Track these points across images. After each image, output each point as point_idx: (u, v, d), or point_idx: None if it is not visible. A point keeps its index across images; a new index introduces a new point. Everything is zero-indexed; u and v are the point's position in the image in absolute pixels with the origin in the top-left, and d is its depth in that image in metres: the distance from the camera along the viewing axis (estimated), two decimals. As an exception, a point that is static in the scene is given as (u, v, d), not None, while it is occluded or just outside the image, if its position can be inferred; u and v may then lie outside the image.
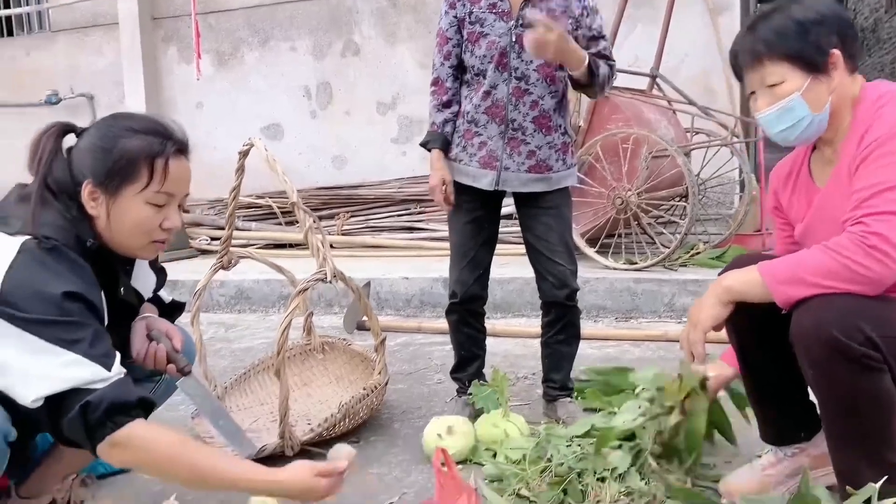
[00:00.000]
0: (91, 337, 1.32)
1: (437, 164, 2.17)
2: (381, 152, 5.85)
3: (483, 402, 2.11)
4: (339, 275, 2.11)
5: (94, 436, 1.29)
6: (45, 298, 1.29)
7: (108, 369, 1.31)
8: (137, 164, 1.43)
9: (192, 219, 5.81)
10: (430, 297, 4.10)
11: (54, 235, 1.37)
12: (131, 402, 1.32)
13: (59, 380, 1.27)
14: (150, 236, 1.48)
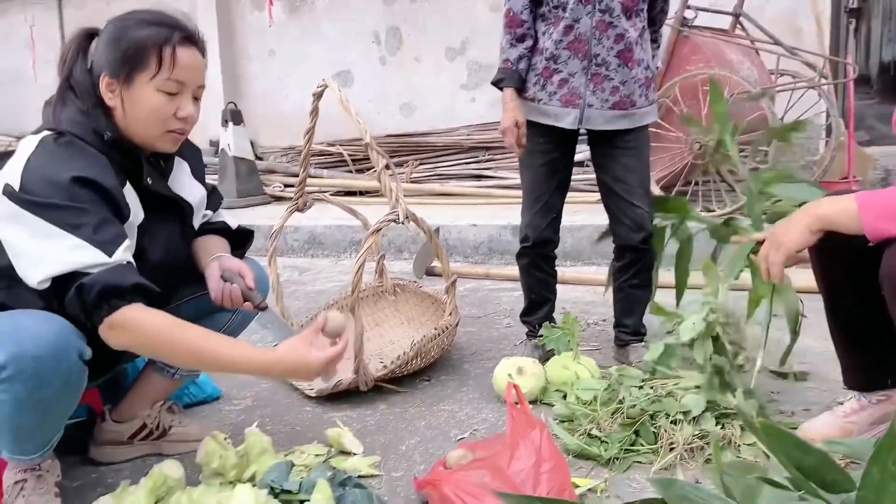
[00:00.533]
0: (96, 223, 1.36)
1: (511, 105, 2.11)
2: (450, 99, 5.80)
3: (554, 344, 2.10)
4: (412, 216, 2.12)
5: (91, 317, 1.35)
6: (55, 184, 1.35)
7: (108, 255, 1.35)
8: (146, 51, 1.46)
9: (266, 166, 5.93)
10: (498, 244, 4.09)
11: (71, 129, 1.44)
12: (125, 286, 1.35)
13: (61, 262, 1.33)
14: (166, 125, 1.51)
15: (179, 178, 1.70)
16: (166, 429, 1.83)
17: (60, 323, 1.36)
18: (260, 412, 2.08)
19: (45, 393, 1.33)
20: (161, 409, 1.83)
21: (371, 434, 1.91)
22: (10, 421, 1.35)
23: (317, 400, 2.14)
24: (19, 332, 1.30)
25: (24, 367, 1.29)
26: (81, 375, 1.39)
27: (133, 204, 1.51)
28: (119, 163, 1.49)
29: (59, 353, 1.32)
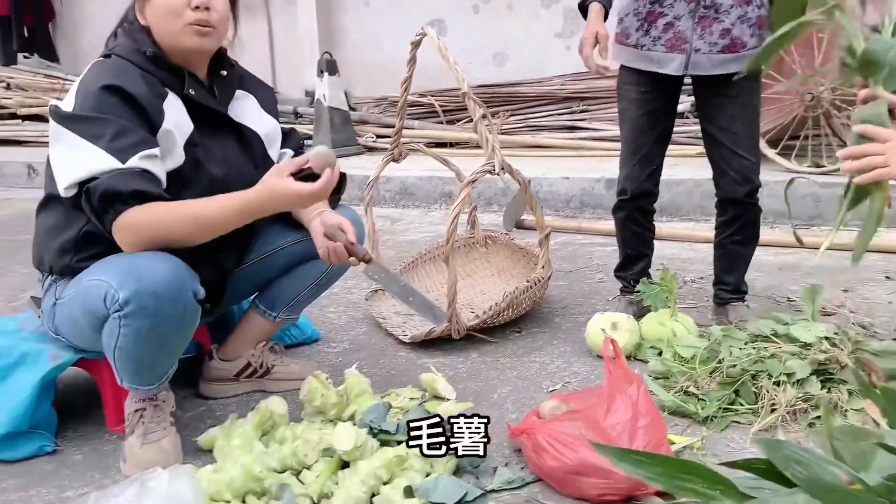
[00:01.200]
0: (115, 131, 1.42)
1: (595, 20, 1.99)
2: (544, 48, 5.66)
3: (651, 300, 2.06)
4: (507, 167, 2.11)
5: (101, 221, 1.42)
6: (88, 93, 1.45)
7: (122, 162, 1.40)
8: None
9: (359, 116, 5.98)
10: (590, 197, 4.01)
11: (117, 52, 1.56)
12: (124, 192, 1.39)
13: (81, 169, 1.41)
14: (182, 17, 1.53)
15: (243, 108, 1.74)
16: (269, 368, 1.91)
17: (177, 263, 1.43)
18: (357, 355, 2.15)
19: (163, 328, 1.41)
20: (264, 350, 1.92)
21: (463, 381, 1.94)
22: (130, 353, 1.44)
23: (410, 346, 2.18)
24: (140, 271, 1.38)
25: (145, 303, 1.37)
26: (195, 313, 1.47)
27: (177, 114, 1.56)
28: (162, 77, 1.56)
29: (175, 292, 1.40)
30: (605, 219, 3.86)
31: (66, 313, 1.54)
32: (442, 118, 5.77)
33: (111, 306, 1.38)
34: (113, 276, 1.39)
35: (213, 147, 1.63)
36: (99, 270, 1.44)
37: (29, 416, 1.58)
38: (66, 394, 1.84)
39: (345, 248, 1.64)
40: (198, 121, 1.60)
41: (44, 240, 1.59)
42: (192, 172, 1.55)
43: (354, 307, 2.60)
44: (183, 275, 1.42)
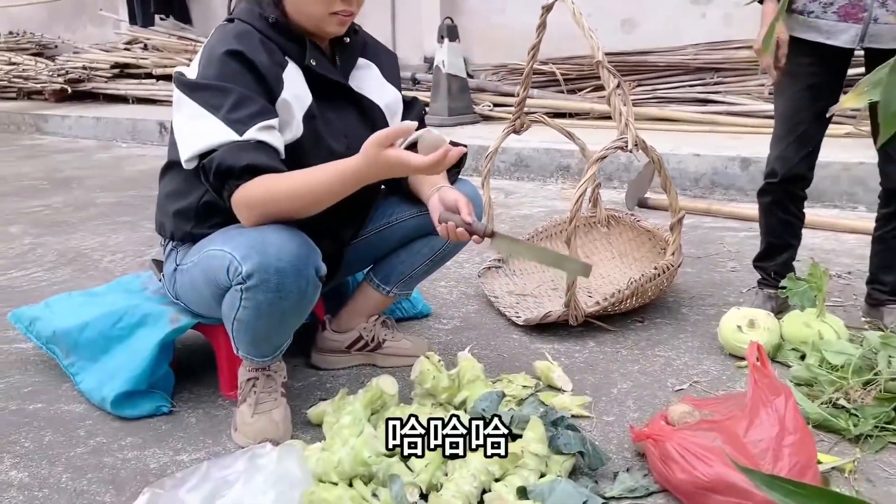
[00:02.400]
0: (234, 101, 1.38)
1: (773, 17, 1.80)
2: (678, 14, 5.31)
3: (798, 298, 1.85)
4: (641, 143, 1.94)
5: (220, 195, 1.40)
6: (210, 59, 1.43)
7: (239, 134, 1.36)
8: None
9: (476, 84, 5.87)
10: (722, 177, 3.74)
11: (240, 16, 1.51)
12: (235, 167, 1.35)
13: (201, 141, 1.37)
14: (329, 6, 1.47)
15: (365, 78, 1.67)
16: (381, 342, 1.87)
17: (301, 238, 1.39)
18: (468, 334, 2.08)
19: (284, 304, 1.38)
20: (376, 323, 1.87)
21: (580, 371, 1.82)
22: (249, 326, 1.42)
23: (524, 329, 2.08)
24: (265, 245, 1.34)
25: (268, 278, 1.34)
26: (316, 290, 1.43)
27: (297, 84, 1.50)
28: (282, 45, 1.50)
29: (299, 268, 1.36)
30: (738, 200, 3.59)
31: (187, 280, 1.54)
32: (563, 87, 5.56)
33: (234, 278, 1.36)
34: (237, 247, 1.36)
35: (333, 119, 1.57)
36: (223, 240, 1.41)
37: (148, 376, 1.61)
38: (183, 355, 1.87)
39: (464, 229, 1.55)
40: (317, 92, 1.54)
41: (165, 205, 1.60)
42: (312, 145, 1.50)
43: (466, 282, 2.52)
44: (307, 251, 1.38)
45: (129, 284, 1.91)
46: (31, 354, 1.96)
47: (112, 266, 2.81)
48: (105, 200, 4.07)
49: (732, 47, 4.93)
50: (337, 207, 1.45)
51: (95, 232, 3.35)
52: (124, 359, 1.62)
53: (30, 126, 7.60)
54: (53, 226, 3.48)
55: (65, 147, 6.46)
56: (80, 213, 3.76)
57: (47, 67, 8.63)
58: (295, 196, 1.37)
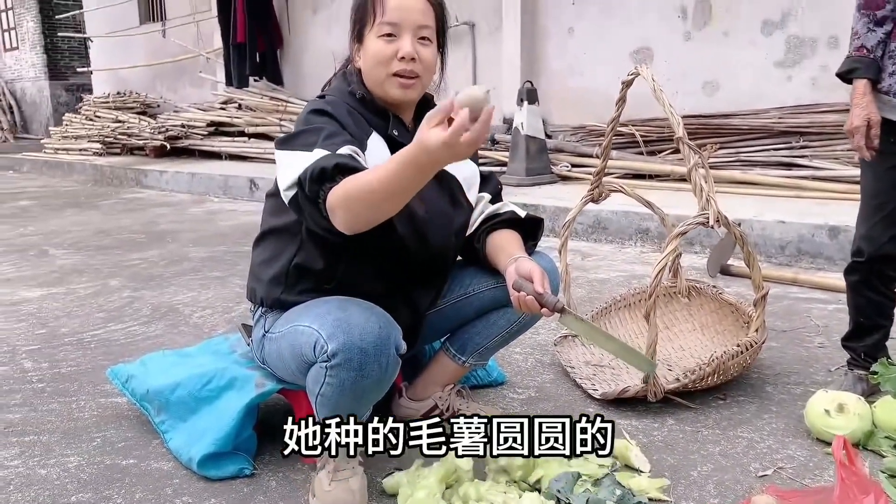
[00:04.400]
0: (327, 133, 1.46)
1: (865, 100, 1.77)
2: (762, 77, 5.25)
3: (890, 385, 1.77)
4: (723, 219, 1.93)
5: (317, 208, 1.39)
6: (300, 121, 1.55)
7: (332, 151, 1.41)
8: (365, 6, 1.57)
9: (554, 145, 5.92)
10: (809, 245, 3.62)
11: (330, 92, 1.64)
12: (327, 167, 1.37)
13: (298, 169, 1.41)
14: (388, 67, 1.55)
15: None
16: (455, 411, 1.89)
17: (384, 318, 1.44)
18: (543, 405, 2.07)
19: (365, 382, 1.42)
20: (452, 392, 1.90)
21: (658, 451, 1.79)
22: (331, 401, 1.47)
23: (600, 402, 2.06)
24: (350, 326, 1.40)
25: (351, 357, 1.39)
26: (396, 367, 1.47)
27: (378, 152, 1.54)
28: (368, 118, 1.60)
29: (381, 348, 1.41)
30: (825, 269, 3.47)
31: (274, 349, 1.61)
32: (642, 149, 5.55)
33: (319, 355, 1.42)
34: (324, 326, 1.42)
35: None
36: (311, 317, 1.48)
37: (233, 439, 1.67)
38: (266, 417, 1.93)
39: (535, 299, 1.57)
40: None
41: (257, 272, 1.69)
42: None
43: (542, 350, 2.52)
44: (388, 330, 1.43)
45: (218, 346, 2.00)
46: (125, 410, 2.07)
47: (201, 322, 2.95)
48: (197, 255, 4.28)
49: (819, 111, 4.82)
50: (414, 275, 1.49)
51: (187, 287, 3.53)
52: (212, 420, 1.69)
53: (131, 180, 8.11)
54: (149, 280, 3.68)
55: (162, 201, 6.86)
56: (174, 266, 3.97)
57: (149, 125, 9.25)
58: (372, 190, 1.34)
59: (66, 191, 7.94)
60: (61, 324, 2.95)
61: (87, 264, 4.08)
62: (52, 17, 14.99)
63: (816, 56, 4.98)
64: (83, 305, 3.22)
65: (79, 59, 15.03)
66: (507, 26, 6.55)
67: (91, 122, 10.29)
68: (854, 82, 1.80)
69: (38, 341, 2.73)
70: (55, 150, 10.36)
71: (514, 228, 1.79)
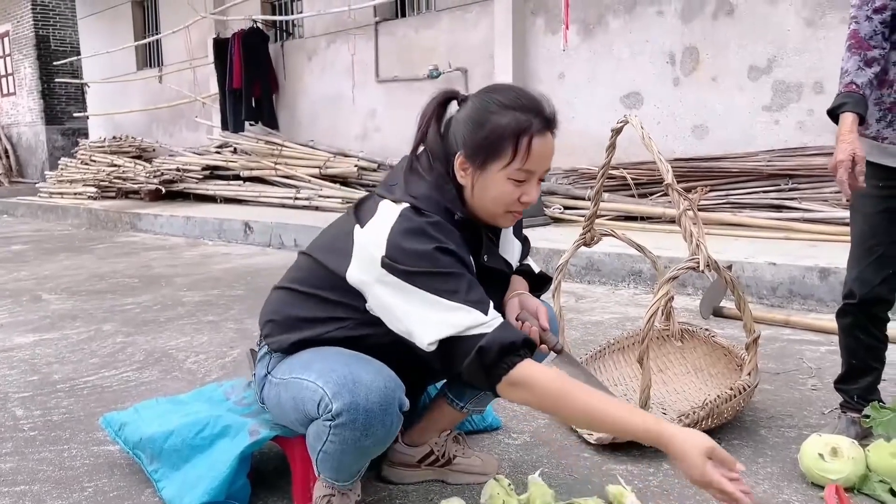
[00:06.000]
0: (467, 286, 1.41)
1: (851, 136, 1.73)
2: (750, 121, 5.35)
3: (883, 429, 1.78)
4: (713, 264, 1.95)
5: (491, 376, 1.40)
6: (420, 254, 1.41)
7: (485, 314, 1.40)
8: (504, 141, 1.46)
9: (547, 187, 5.99)
10: (800, 287, 3.65)
11: (426, 206, 1.47)
12: (518, 342, 1.39)
13: (447, 325, 1.39)
14: (508, 208, 1.52)
15: (505, 242, 1.72)
16: (451, 458, 1.88)
17: (389, 377, 1.44)
18: (538, 451, 2.06)
19: (368, 441, 1.43)
20: (448, 438, 1.89)
21: (654, 497, 1.78)
22: (334, 458, 1.47)
23: (595, 447, 2.06)
24: (356, 385, 1.40)
25: (356, 417, 1.39)
26: (398, 425, 1.47)
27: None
28: (464, 238, 1.52)
29: (386, 407, 1.41)
30: (817, 311, 3.49)
31: (274, 395, 1.60)
32: (634, 191, 5.62)
33: (323, 413, 1.41)
34: (329, 383, 1.41)
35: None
36: (315, 371, 1.46)
37: (227, 488, 1.66)
38: (259, 463, 1.92)
39: (537, 334, 1.59)
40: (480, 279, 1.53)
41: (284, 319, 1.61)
42: None
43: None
44: (394, 388, 1.43)
45: (211, 393, 1.99)
46: (118, 458, 2.05)
47: (195, 367, 2.94)
48: (191, 299, 4.28)
49: (807, 154, 4.91)
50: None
51: (181, 331, 3.52)
52: (205, 469, 1.68)
53: (125, 224, 8.12)
54: (143, 325, 3.68)
55: (156, 244, 6.87)
56: (168, 311, 3.97)
57: (145, 169, 9.30)
58: (580, 414, 1.39)
59: (61, 234, 7.94)
60: (54, 370, 2.93)
61: (81, 309, 4.07)
62: (50, 63, 15.18)
63: (802, 100, 5.09)
64: (76, 351, 3.21)
65: (75, 104, 15.17)
66: (500, 72, 6.68)
67: (86, 166, 10.35)
68: (841, 117, 1.78)
69: (30, 388, 2.71)
70: (50, 195, 10.40)
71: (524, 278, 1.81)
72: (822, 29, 4.97)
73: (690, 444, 1.29)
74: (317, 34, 8.83)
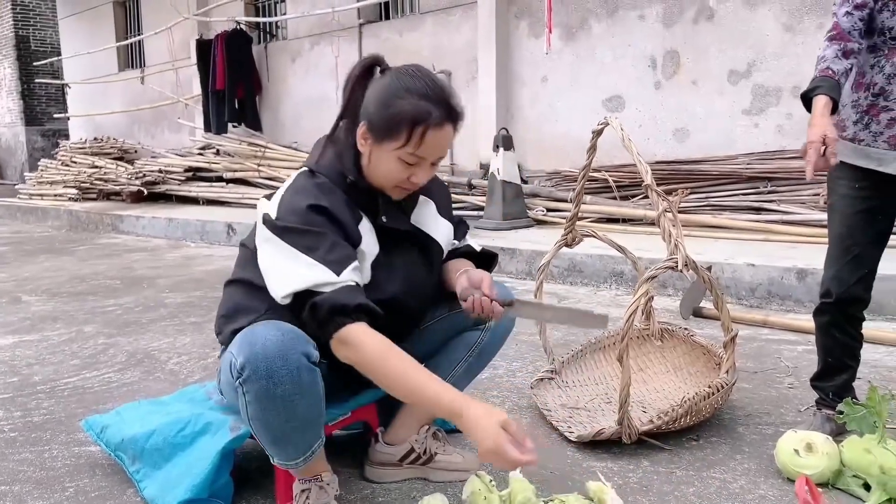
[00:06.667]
0: (328, 246, 1.49)
1: (822, 119, 1.72)
2: (730, 124, 5.42)
3: (855, 424, 1.82)
4: (692, 264, 1.98)
5: (324, 332, 1.48)
6: (294, 210, 1.53)
7: (337, 274, 1.47)
8: (401, 125, 1.53)
9: (530, 190, 6.02)
10: (779, 287, 3.71)
11: (321, 169, 1.62)
12: (350, 305, 1.46)
13: (299, 279, 1.47)
14: (398, 184, 1.61)
15: (423, 214, 1.79)
16: (432, 454, 1.89)
17: (288, 329, 1.47)
18: (519, 449, 2.08)
19: (279, 390, 1.43)
20: (427, 435, 1.90)
21: (634, 493, 1.80)
22: (261, 422, 1.48)
23: (576, 444, 2.08)
24: (253, 338, 1.45)
25: (257, 366, 1.42)
26: (312, 375, 1.47)
27: (368, 237, 1.62)
28: (357, 200, 1.62)
29: (284, 354, 1.43)
30: (795, 311, 3.54)
31: (222, 383, 1.67)
32: (616, 193, 5.66)
33: (234, 374, 1.45)
34: (235, 345, 1.47)
35: (398, 264, 1.67)
36: (231, 343, 1.52)
37: (209, 485, 1.66)
38: (242, 461, 1.92)
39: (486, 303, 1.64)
40: (386, 240, 1.66)
41: (227, 314, 1.71)
42: (374, 291, 1.60)
43: (518, 393, 2.54)
44: (293, 338, 1.46)
45: (193, 394, 2.00)
46: (99, 458, 2.05)
47: (178, 368, 2.93)
48: (173, 300, 4.26)
49: (786, 157, 4.98)
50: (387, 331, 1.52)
51: (164, 333, 3.51)
52: (187, 467, 1.68)
53: (107, 225, 8.07)
54: (125, 326, 3.66)
55: (138, 246, 6.83)
56: (150, 313, 3.95)
57: (126, 171, 9.24)
58: (393, 380, 1.46)
59: (41, 236, 7.87)
60: (34, 371, 2.91)
61: (62, 311, 4.04)
62: (30, 63, 15.04)
63: (781, 104, 5.16)
64: (57, 353, 3.19)
65: (56, 106, 15.05)
66: (484, 75, 6.71)
67: (67, 167, 10.26)
68: (814, 100, 1.77)
69: (11, 390, 2.69)
70: (30, 196, 10.30)
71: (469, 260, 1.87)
72: (801, 34, 5.05)
73: (486, 414, 1.38)
74: (300, 36, 8.83)
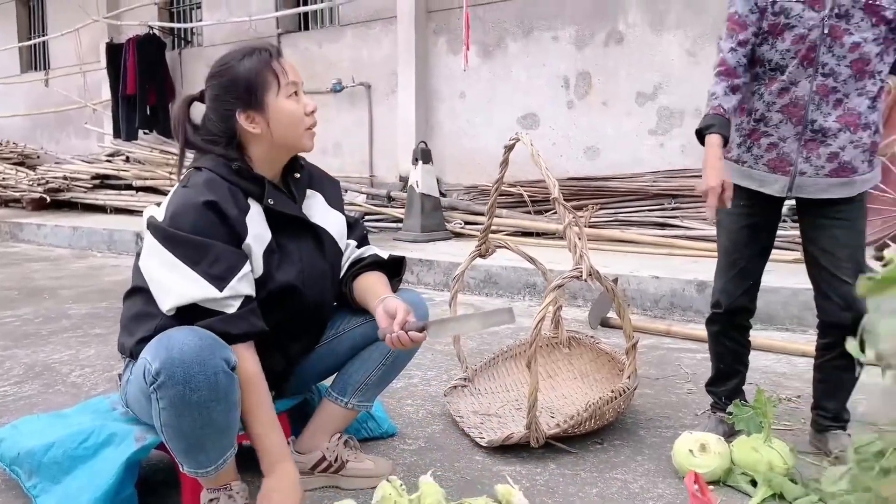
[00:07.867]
0: (212, 258, 1.53)
1: (718, 163, 1.87)
2: (637, 144, 5.67)
3: (743, 424, 1.94)
4: (595, 274, 2.08)
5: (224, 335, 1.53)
6: (185, 207, 1.56)
7: (220, 290, 1.52)
8: (262, 73, 1.65)
9: (448, 203, 6.11)
10: (680, 299, 3.90)
11: (207, 165, 1.66)
12: (232, 334, 1.53)
13: (181, 294, 1.51)
14: (303, 123, 1.69)
15: (313, 206, 1.84)
16: (344, 462, 1.90)
17: (206, 335, 1.48)
18: (432, 455, 2.12)
19: (196, 397, 1.43)
20: (339, 443, 1.91)
21: (540, 494, 1.87)
22: (174, 429, 1.47)
23: (487, 450, 2.13)
24: (170, 343, 1.44)
25: (173, 372, 1.42)
26: (229, 381, 1.48)
27: (258, 224, 1.66)
28: (245, 188, 1.66)
29: (203, 359, 1.44)
30: (695, 322, 3.73)
31: (131, 392, 1.64)
32: (530, 208, 5.81)
33: (149, 380, 1.44)
34: (149, 350, 1.47)
35: (291, 250, 1.72)
36: (146, 349, 1.51)
37: (111, 498, 1.61)
38: (148, 473, 1.88)
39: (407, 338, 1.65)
40: (276, 227, 1.70)
41: (127, 327, 1.68)
42: (269, 279, 1.64)
43: (432, 401, 2.58)
44: (211, 343, 1.47)
45: (97, 405, 1.94)
46: (-7, 474, 1.95)
47: (80, 381, 2.83)
48: (77, 312, 4.10)
49: (689, 175, 5.24)
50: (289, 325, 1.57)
51: (66, 345, 3.37)
52: (88, 479, 1.63)
53: (5, 234, 7.65)
54: (23, 338, 3.49)
55: (39, 255, 6.51)
56: (51, 324, 3.78)
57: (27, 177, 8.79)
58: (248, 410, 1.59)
59: (-70, 244, 7.39)
60: (-80, 386, 2.74)
61: (-47, 322, 3.81)
62: (-78, 61, 14.12)
63: (685, 126, 5.44)
64: (-54, 366, 3.01)
65: (-50, 106, 14.16)
66: (403, 88, 6.77)
67: (-38, 172, 9.67)
68: (708, 139, 1.91)
69: None
70: (-81, 201, 9.64)
71: (379, 270, 1.90)
72: (704, 60, 5.34)
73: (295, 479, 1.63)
74: (216, 43, 8.66)
